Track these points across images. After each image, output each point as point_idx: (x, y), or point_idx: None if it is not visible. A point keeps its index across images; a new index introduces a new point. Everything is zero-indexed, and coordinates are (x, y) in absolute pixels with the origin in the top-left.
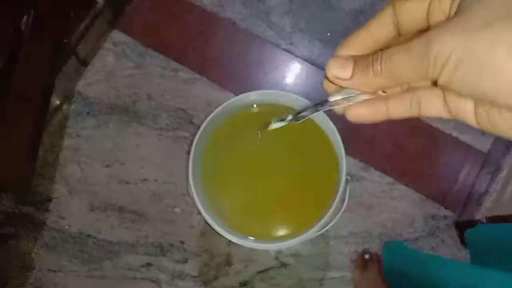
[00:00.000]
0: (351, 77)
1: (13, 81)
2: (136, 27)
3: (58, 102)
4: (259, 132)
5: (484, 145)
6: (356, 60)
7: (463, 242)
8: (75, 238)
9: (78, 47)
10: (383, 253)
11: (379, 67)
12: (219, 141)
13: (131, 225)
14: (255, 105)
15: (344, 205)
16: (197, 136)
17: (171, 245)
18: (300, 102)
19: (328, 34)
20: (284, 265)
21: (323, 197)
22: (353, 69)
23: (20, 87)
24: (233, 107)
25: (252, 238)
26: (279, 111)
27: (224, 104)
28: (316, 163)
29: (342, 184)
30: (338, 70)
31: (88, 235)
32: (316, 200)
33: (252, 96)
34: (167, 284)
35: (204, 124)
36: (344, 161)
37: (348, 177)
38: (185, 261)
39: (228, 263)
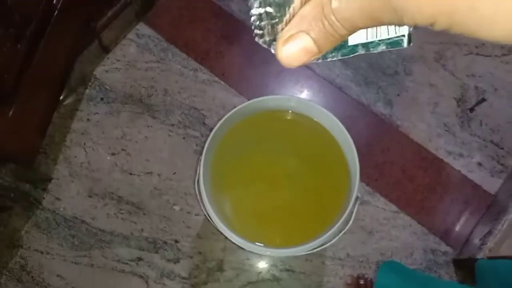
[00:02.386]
0: (318, 49)
1: (38, 54)
2: (163, 23)
3: (73, 84)
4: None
5: (492, 187)
6: (304, 26)
7: (460, 280)
8: (69, 222)
9: (103, 33)
10: (378, 274)
11: (333, 17)
12: (235, 139)
13: (128, 217)
14: (290, 111)
15: (347, 227)
16: (217, 126)
17: (165, 242)
18: (329, 118)
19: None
20: (276, 279)
21: (328, 215)
22: (313, 40)
23: (42, 62)
24: (258, 108)
25: (247, 240)
26: (311, 124)
27: (248, 103)
28: (327, 180)
29: (351, 205)
30: (300, 52)
31: (82, 221)
32: (321, 216)
33: (292, 101)
34: (154, 281)
35: (227, 116)
36: (357, 183)
37: (359, 195)
38: (177, 260)
39: (220, 269)
